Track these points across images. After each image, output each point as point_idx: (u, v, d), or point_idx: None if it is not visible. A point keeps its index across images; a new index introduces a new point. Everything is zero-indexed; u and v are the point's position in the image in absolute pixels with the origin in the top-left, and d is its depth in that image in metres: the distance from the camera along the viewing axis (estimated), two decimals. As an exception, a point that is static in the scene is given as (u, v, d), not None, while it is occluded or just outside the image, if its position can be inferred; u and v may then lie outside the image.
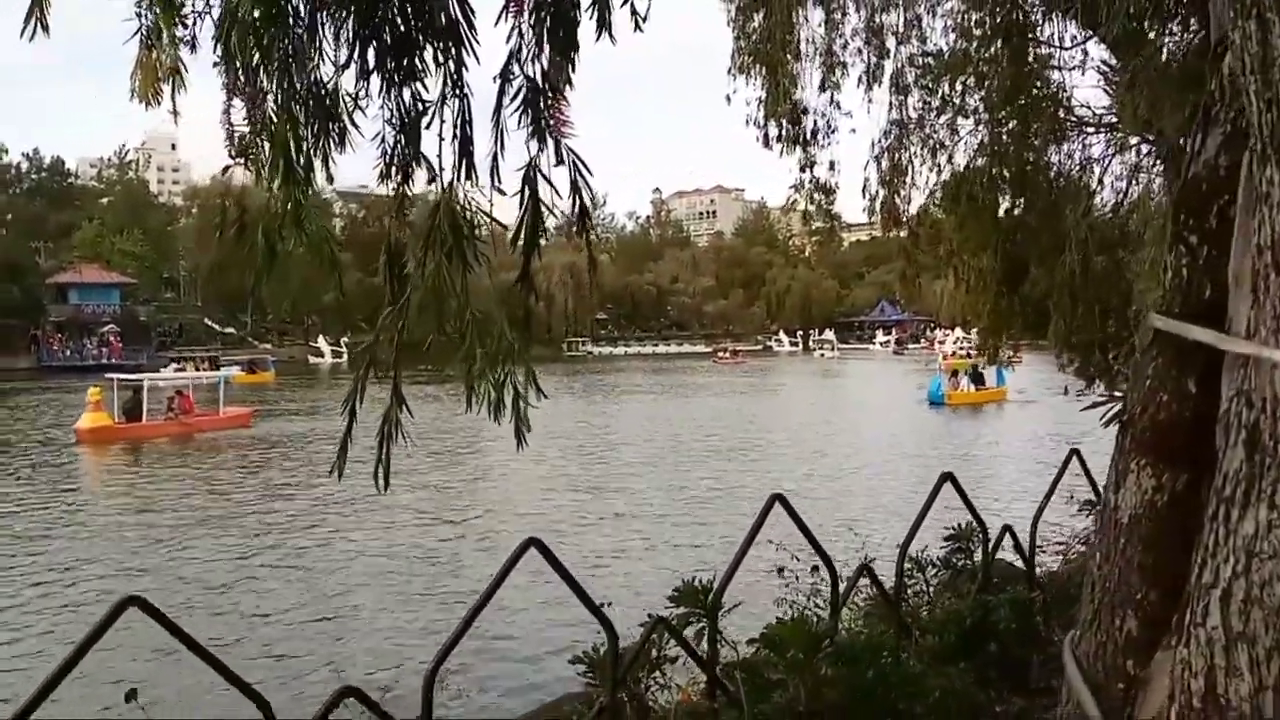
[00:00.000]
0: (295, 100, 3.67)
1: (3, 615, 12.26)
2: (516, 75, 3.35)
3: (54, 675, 2.19)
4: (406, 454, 3.49)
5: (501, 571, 2.89)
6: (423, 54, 3.42)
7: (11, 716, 2.13)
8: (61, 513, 18.99)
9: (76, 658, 2.23)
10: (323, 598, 13.19)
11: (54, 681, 2.19)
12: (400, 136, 3.81)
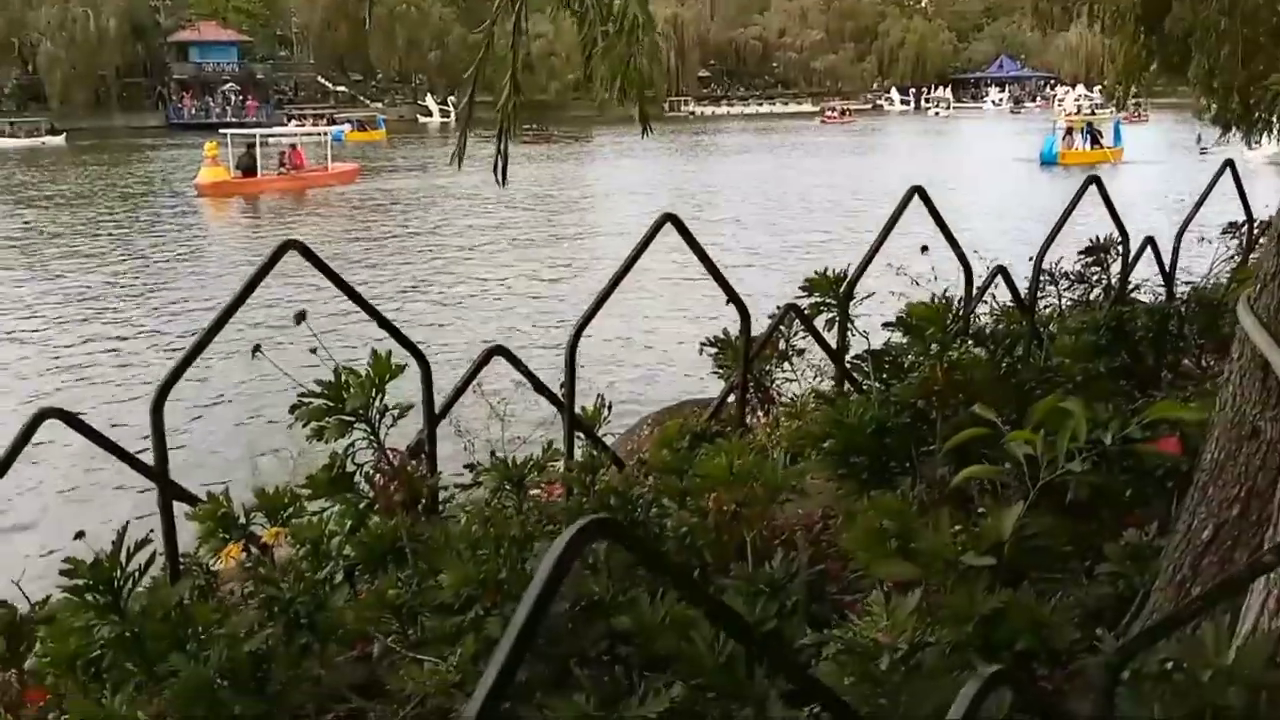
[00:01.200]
0: None
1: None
2: None
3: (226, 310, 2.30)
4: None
5: (641, 243, 2.88)
6: None
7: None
8: (183, 257, 19.97)
9: (244, 295, 2.33)
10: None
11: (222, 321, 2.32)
12: None
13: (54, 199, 30.90)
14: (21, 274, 17.52)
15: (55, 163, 45.37)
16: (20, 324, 14.21)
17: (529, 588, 0.97)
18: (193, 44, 79.68)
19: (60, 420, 2.24)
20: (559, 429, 3.35)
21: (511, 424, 4.23)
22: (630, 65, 3.33)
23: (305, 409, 2.10)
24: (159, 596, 1.87)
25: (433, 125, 77.17)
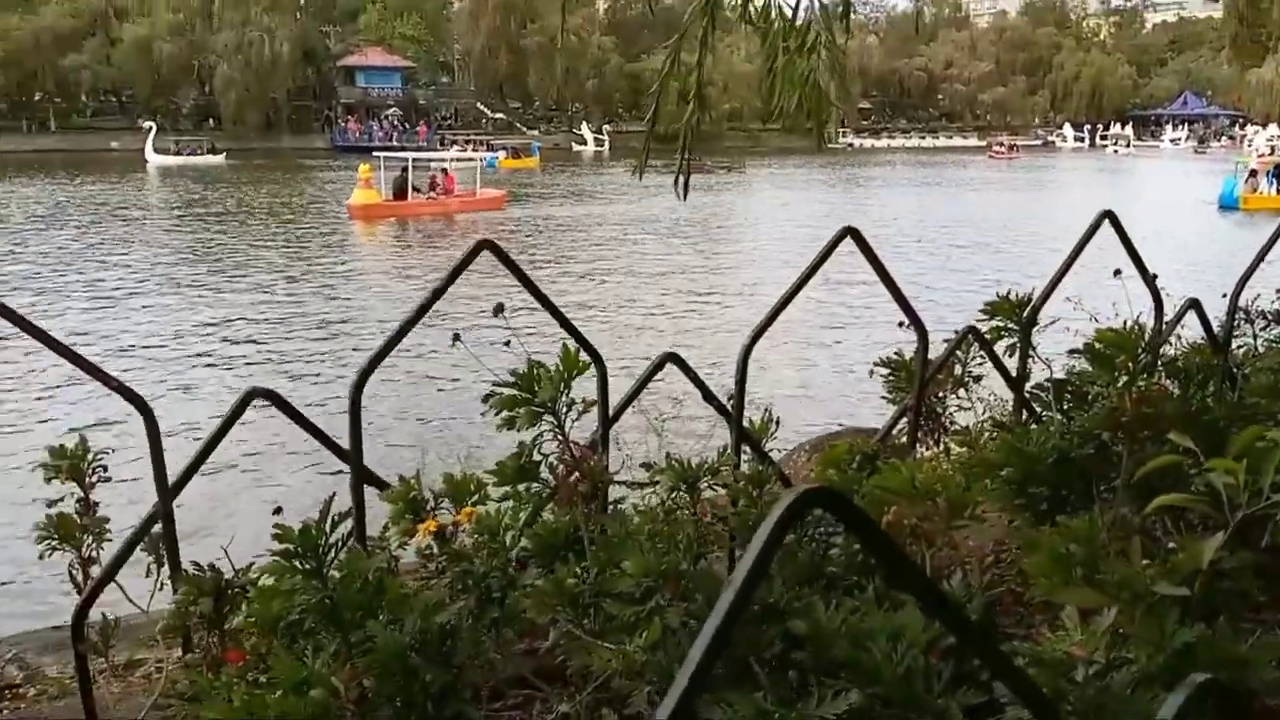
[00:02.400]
0: None
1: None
2: None
3: (396, 335, 2.40)
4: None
5: (819, 256, 2.88)
6: None
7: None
8: (329, 278, 20.68)
9: (441, 290, 2.43)
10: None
11: (404, 326, 2.42)
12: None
13: (210, 216, 32.52)
14: (170, 287, 18.24)
15: (214, 181, 47.76)
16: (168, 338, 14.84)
17: (741, 560, 0.97)
18: (360, 69, 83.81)
19: (267, 400, 2.38)
20: (716, 443, 3.36)
21: (669, 434, 4.28)
22: (809, 82, 3.35)
23: (498, 398, 2.18)
24: (357, 566, 1.97)
25: (586, 153, 78.98)
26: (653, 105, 3.57)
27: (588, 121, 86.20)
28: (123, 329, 14.50)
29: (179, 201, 37.69)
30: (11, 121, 75.80)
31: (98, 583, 2.24)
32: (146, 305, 16.10)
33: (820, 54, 3.27)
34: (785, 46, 3.29)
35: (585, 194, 42.85)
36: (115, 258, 22.18)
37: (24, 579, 5.87)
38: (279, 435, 7.42)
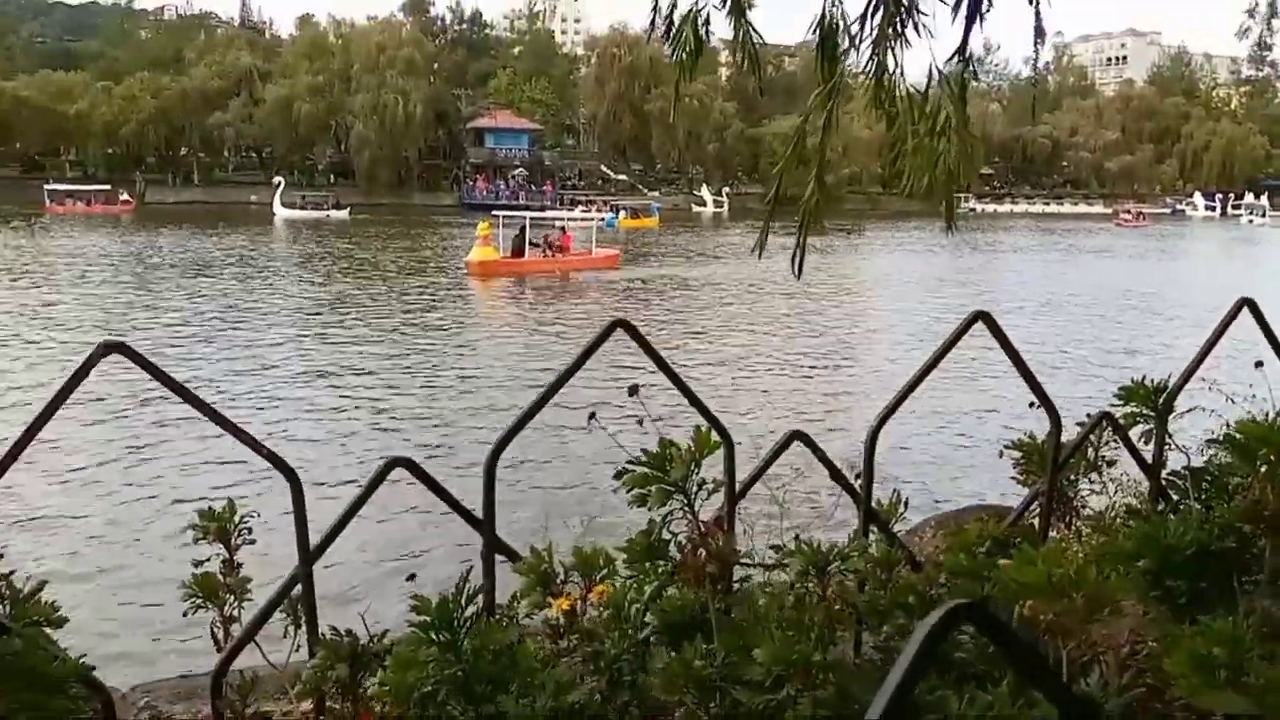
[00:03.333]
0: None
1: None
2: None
3: (547, 397, 2.44)
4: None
5: (949, 340, 2.84)
6: None
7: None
8: (446, 334, 20.95)
9: (576, 367, 2.48)
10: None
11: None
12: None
13: (336, 270, 33.66)
14: (296, 343, 18.63)
15: (337, 235, 49.62)
16: (279, 387, 15.06)
17: (890, 673, 0.95)
18: (489, 130, 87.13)
19: (405, 469, 2.47)
20: (840, 514, 3.29)
21: (790, 503, 4.23)
22: (939, 164, 3.33)
23: (631, 476, 2.20)
24: (490, 638, 2.01)
25: (706, 215, 79.83)
26: (774, 187, 3.60)
27: (708, 184, 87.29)
28: (250, 381, 15.04)
29: (304, 255, 39.35)
30: (159, 175, 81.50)
31: (238, 641, 2.34)
32: (271, 364, 16.52)
33: (950, 138, 3.25)
34: (914, 130, 3.28)
35: (702, 255, 43.03)
36: (246, 310, 23.26)
37: (167, 632, 6.12)
38: (414, 499, 7.66)
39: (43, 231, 48.39)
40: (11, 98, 76.38)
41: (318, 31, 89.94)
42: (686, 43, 3.90)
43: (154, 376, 2.22)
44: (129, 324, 20.77)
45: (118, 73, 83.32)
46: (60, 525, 8.05)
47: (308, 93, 80.00)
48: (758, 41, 3.69)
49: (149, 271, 31.55)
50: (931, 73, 3.18)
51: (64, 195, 65.43)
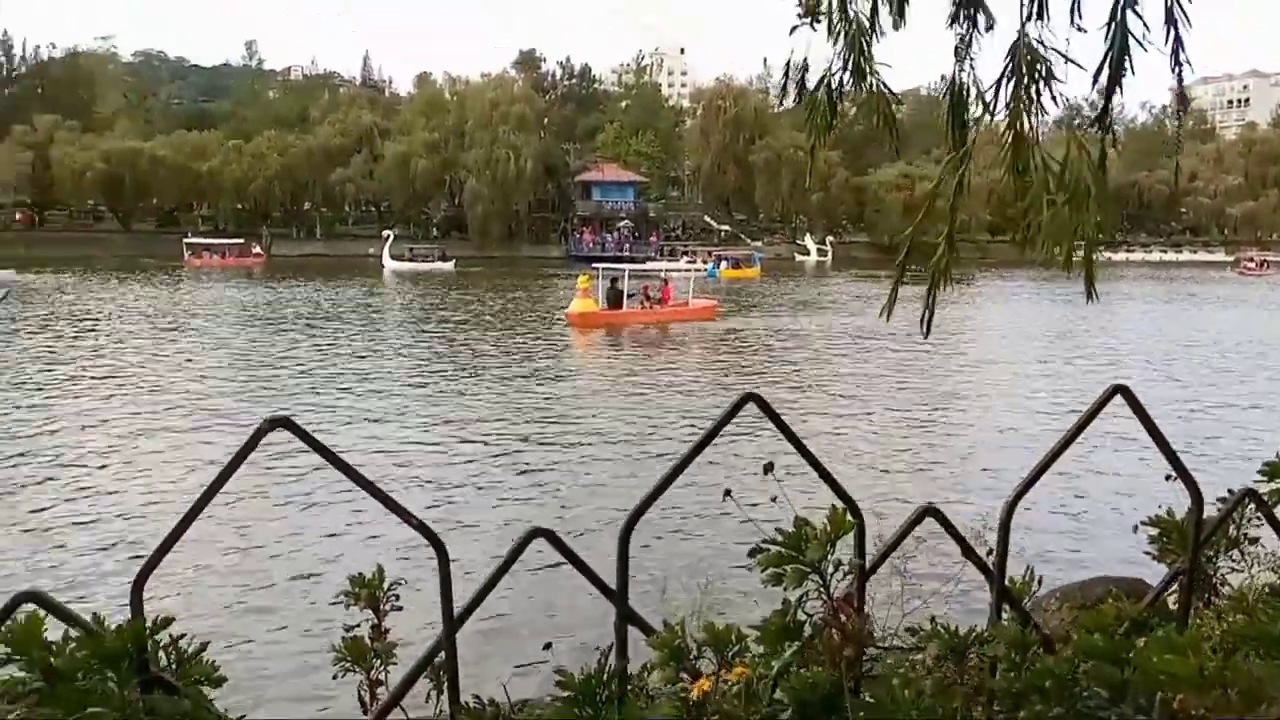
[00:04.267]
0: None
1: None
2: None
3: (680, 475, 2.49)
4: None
5: (1087, 414, 2.78)
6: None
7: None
8: (541, 381, 21.26)
9: (705, 443, 2.52)
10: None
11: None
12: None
13: (444, 321, 34.44)
14: (407, 397, 18.93)
15: (442, 287, 50.92)
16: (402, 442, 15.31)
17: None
18: (595, 183, 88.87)
19: (545, 539, 2.53)
20: (965, 585, 3.21)
21: (914, 581, 4.16)
22: (1076, 232, 3.30)
23: (766, 556, 2.22)
24: (628, 714, 2.04)
25: (809, 264, 79.57)
26: (902, 253, 3.59)
27: (811, 233, 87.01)
28: (362, 433, 15.47)
29: (411, 306, 40.54)
30: (284, 229, 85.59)
31: (385, 705, 2.42)
32: (388, 417, 16.85)
33: (1089, 207, 3.21)
34: (1050, 199, 3.25)
35: (805, 304, 42.63)
36: (365, 360, 24.05)
37: (317, 693, 6.30)
38: (547, 559, 7.73)
39: (183, 282, 51.57)
40: (150, 157, 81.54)
41: (434, 89, 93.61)
42: (821, 108, 3.96)
43: (315, 450, 2.34)
44: (265, 373, 21.68)
45: (247, 132, 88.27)
46: (216, 583, 8.36)
47: (424, 149, 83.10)
48: (886, 98, 3.73)
49: (280, 321, 33.07)
50: (1069, 144, 3.15)
51: (201, 248, 69.57)
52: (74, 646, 2.22)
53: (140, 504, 10.99)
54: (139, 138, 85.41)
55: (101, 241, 79.87)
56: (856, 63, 3.69)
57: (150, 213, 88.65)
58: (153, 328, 30.81)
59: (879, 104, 3.94)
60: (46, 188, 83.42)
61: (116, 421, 15.73)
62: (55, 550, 9.50)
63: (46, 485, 11.93)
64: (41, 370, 21.89)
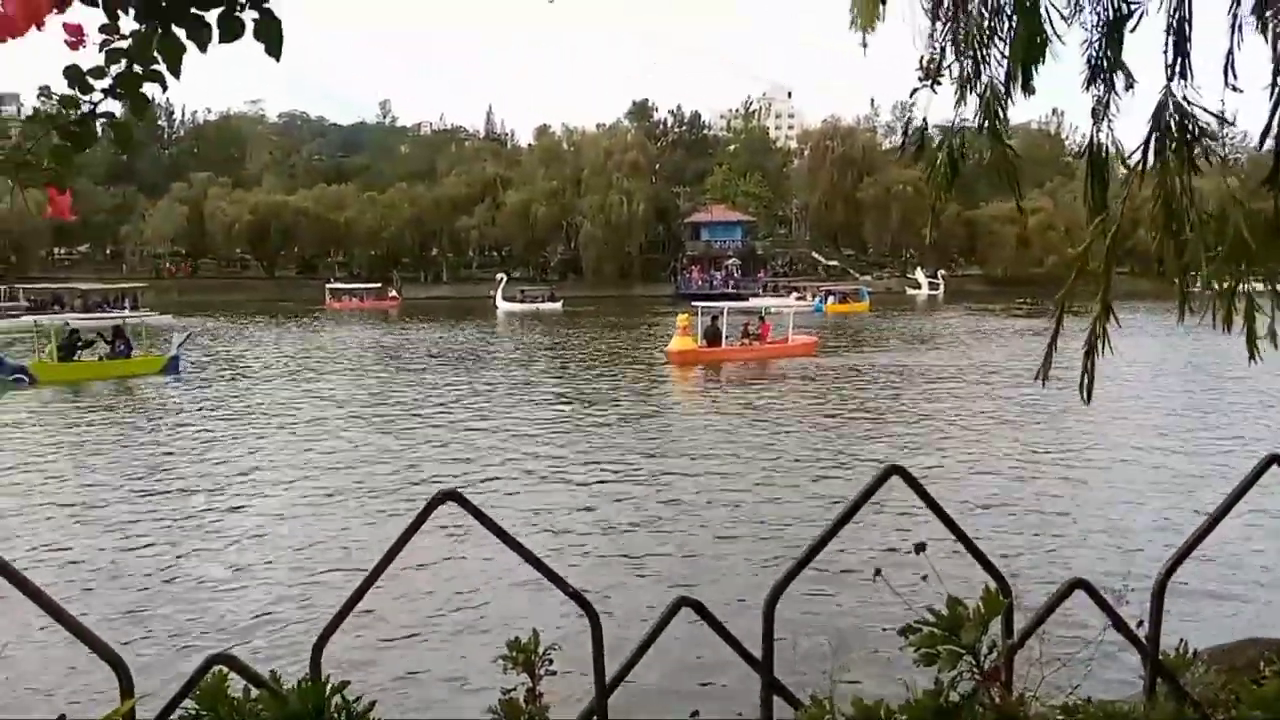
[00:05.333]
0: (996, 13, 3.75)
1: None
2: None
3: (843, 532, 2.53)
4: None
5: (1240, 486, 2.71)
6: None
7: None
8: (640, 419, 21.14)
9: (849, 516, 2.56)
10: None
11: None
12: (1103, 40, 3.70)
13: (554, 360, 34.90)
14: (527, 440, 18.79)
15: (551, 326, 51.82)
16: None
17: None
18: (704, 224, 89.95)
19: (691, 608, 2.60)
20: (1107, 657, 3.13)
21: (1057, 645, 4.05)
22: (1235, 291, 3.26)
23: (919, 635, 2.24)
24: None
25: (920, 298, 77.99)
26: (1057, 316, 3.59)
27: (922, 266, 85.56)
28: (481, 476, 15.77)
29: (523, 346, 41.09)
30: (413, 274, 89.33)
31: (541, 767, 2.52)
32: (507, 458, 16.97)
33: (1244, 266, 3.17)
34: (1209, 256, 3.21)
35: (915, 340, 41.29)
36: (491, 397, 24.65)
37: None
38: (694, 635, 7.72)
39: (326, 325, 54.26)
40: (293, 209, 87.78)
41: (553, 140, 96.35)
42: (942, 166, 4.00)
43: (482, 523, 2.48)
44: (409, 411, 22.47)
45: (381, 184, 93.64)
46: (379, 640, 8.59)
47: (543, 196, 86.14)
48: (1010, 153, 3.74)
49: (416, 361, 34.30)
50: (1227, 199, 3.11)
51: (342, 293, 73.94)
52: (260, 708, 2.40)
53: (305, 557, 11.27)
54: (283, 192, 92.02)
55: (246, 287, 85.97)
56: (991, 126, 3.72)
57: (291, 260, 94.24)
58: (305, 368, 32.28)
59: (1006, 165, 3.96)
60: (200, 239, 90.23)
61: (279, 468, 16.25)
62: (226, 602, 9.85)
63: (219, 533, 12.39)
64: (218, 409, 23.13)
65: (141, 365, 29.73)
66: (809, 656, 7.66)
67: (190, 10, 1.72)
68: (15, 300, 62.48)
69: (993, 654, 2.25)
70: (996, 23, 3.78)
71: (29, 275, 76.85)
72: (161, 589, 10.21)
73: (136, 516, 13.10)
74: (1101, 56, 3.77)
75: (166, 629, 9.01)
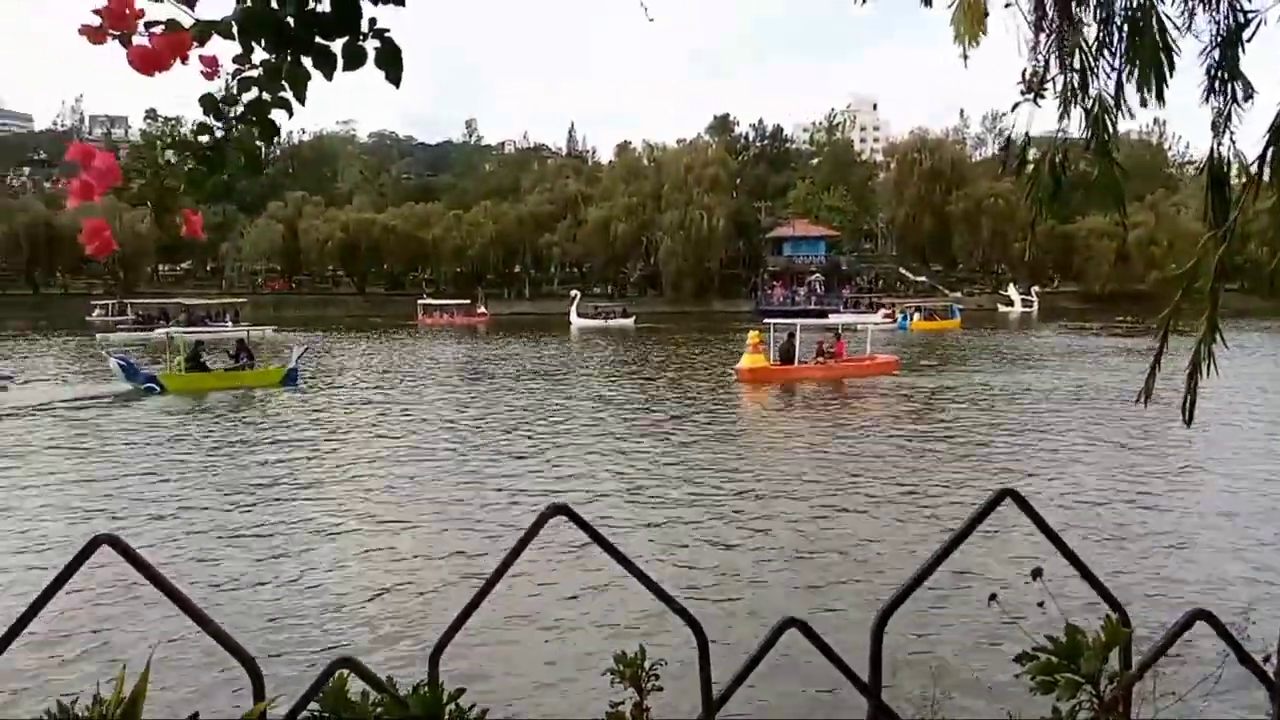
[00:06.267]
0: (1109, 24, 3.67)
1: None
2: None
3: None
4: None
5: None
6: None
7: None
8: (709, 440, 20.70)
9: (957, 542, 2.52)
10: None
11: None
12: (1221, 50, 3.60)
13: (628, 375, 34.85)
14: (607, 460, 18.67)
15: (623, 342, 52.03)
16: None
17: None
18: (786, 239, 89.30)
19: (797, 629, 2.60)
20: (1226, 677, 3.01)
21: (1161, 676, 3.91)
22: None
23: (1036, 663, 2.20)
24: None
25: (1013, 315, 76.06)
26: (1160, 337, 3.49)
27: (1015, 282, 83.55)
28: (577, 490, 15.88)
29: (598, 361, 41.25)
30: (496, 290, 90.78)
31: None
32: (583, 474, 17.16)
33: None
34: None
35: (1007, 359, 39.77)
36: (565, 413, 24.79)
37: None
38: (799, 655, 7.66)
39: (421, 340, 55.61)
40: (382, 227, 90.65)
41: (633, 156, 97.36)
42: (1044, 183, 3.92)
43: (591, 537, 2.52)
44: (502, 425, 22.76)
45: (466, 202, 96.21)
46: (492, 655, 8.73)
47: (623, 212, 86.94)
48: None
49: (505, 375, 34.94)
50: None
51: (434, 309, 75.50)
52: (380, 711, 2.48)
53: (418, 567, 11.50)
54: (373, 210, 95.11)
55: (338, 303, 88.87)
56: (1099, 141, 3.65)
57: (381, 277, 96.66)
58: (408, 381, 33.07)
59: (1113, 182, 3.87)
60: (294, 256, 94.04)
61: (391, 480, 16.56)
62: (345, 610, 10.07)
63: (337, 542, 12.68)
64: (332, 421, 23.79)
65: (261, 377, 30.95)
66: (911, 679, 7.57)
67: (317, 41, 1.79)
68: (124, 315, 65.89)
69: (1110, 684, 2.20)
70: (1105, 34, 3.71)
71: (136, 290, 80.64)
72: (281, 595, 10.52)
73: (256, 523, 13.57)
74: (1220, 67, 3.67)
75: (287, 636, 9.27)
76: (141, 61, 1.65)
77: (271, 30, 1.75)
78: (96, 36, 1.64)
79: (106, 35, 1.64)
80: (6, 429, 22.17)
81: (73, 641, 8.74)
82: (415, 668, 2.59)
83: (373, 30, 1.80)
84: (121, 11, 1.63)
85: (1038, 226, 4.33)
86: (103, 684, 2.63)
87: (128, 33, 1.64)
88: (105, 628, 9.12)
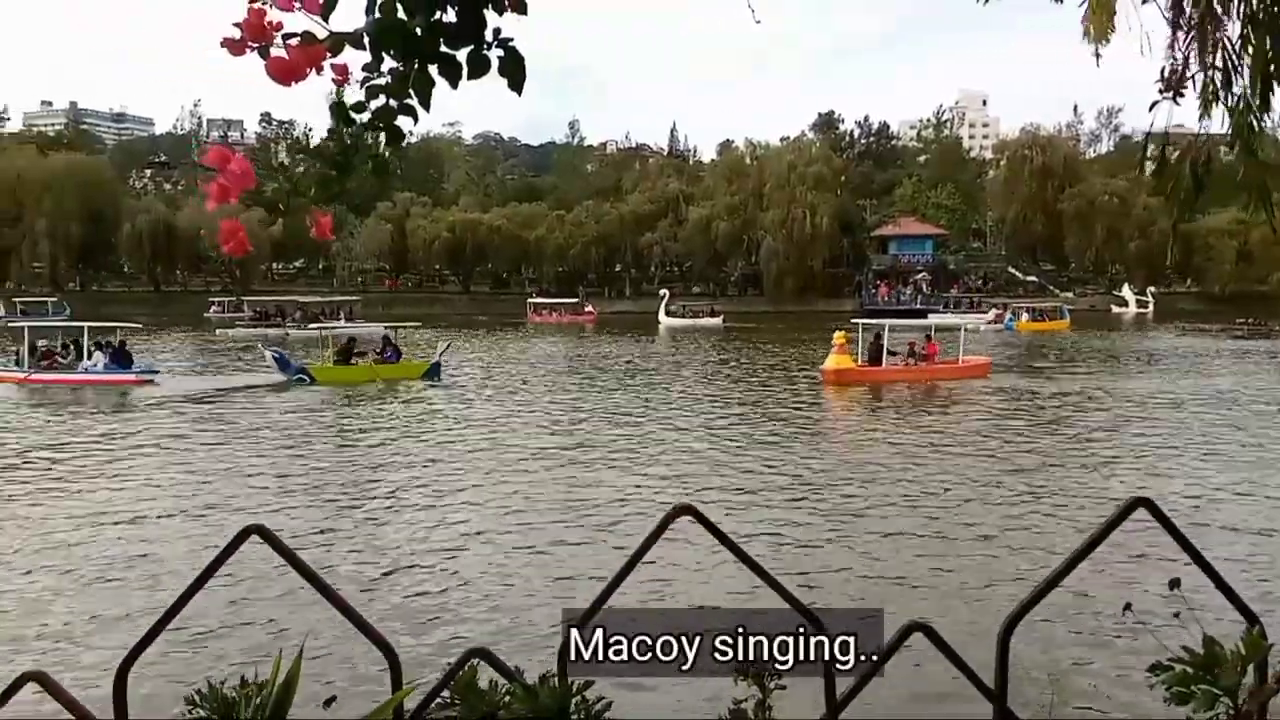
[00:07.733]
0: (1249, 20, 3.54)
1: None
2: None
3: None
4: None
5: None
6: None
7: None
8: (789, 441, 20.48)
9: (1088, 549, 2.50)
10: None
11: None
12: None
13: (715, 376, 34.67)
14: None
15: (710, 341, 51.93)
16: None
17: None
18: (892, 238, 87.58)
19: (922, 633, 2.61)
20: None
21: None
22: None
23: (1172, 674, 2.17)
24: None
25: (1127, 316, 73.17)
26: None
27: (1130, 283, 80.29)
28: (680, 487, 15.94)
29: (686, 361, 41.22)
30: (597, 288, 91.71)
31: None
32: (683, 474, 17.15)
33: None
34: None
35: (1120, 362, 38.17)
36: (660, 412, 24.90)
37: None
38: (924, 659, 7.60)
39: (532, 337, 57.06)
40: (487, 227, 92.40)
41: (735, 155, 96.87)
42: (1184, 183, 3.79)
43: (716, 537, 2.59)
44: (605, 419, 23.39)
45: (569, 202, 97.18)
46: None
47: (725, 211, 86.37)
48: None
49: (611, 372, 35.74)
50: None
51: (542, 307, 76.89)
52: (509, 699, 2.59)
53: (541, 561, 11.74)
54: (478, 210, 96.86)
55: (445, 301, 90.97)
56: (1244, 140, 3.52)
57: (486, 276, 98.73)
58: (527, 377, 33.96)
59: (1260, 182, 3.73)
60: (402, 255, 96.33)
61: (521, 473, 16.93)
62: (475, 599, 10.34)
63: (473, 533, 13.00)
64: (474, 414, 24.64)
65: (406, 370, 32.19)
66: (1030, 686, 7.41)
67: (443, 50, 1.85)
68: (240, 312, 68.92)
69: (1247, 698, 2.15)
70: (1249, 31, 3.58)
71: (252, 289, 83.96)
72: (418, 585, 10.81)
73: (397, 512, 14.16)
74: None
75: (424, 624, 9.54)
76: (279, 72, 1.71)
77: (400, 40, 1.80)
78: (237, 49, 1.71)
79: (246, 47, 1.71)
80: (156, 417, 23.69)
81: (219, 627, 9.10)
82: (542, 654, 2.68)
83: (497, 39, 1.85)
84: (260, 24, 1.70)
85: (1178, 227, 4.23)
86: (245, 667, 2.81)
87: (266, 44, 1.71)
88: (250, 615, 9.48)
